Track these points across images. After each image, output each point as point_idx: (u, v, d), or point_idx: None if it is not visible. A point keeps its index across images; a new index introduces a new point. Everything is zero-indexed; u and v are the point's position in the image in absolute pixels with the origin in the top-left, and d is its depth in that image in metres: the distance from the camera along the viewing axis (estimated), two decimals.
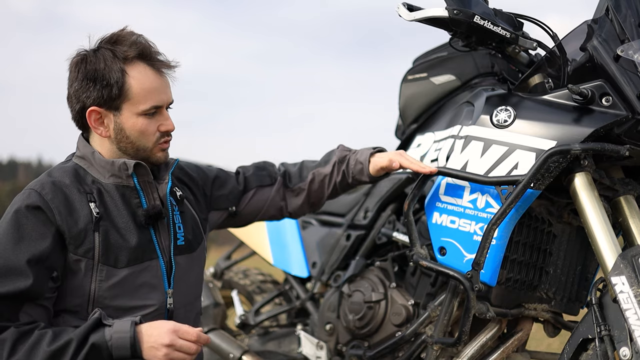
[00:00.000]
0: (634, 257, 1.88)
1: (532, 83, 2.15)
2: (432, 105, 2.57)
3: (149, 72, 1.88)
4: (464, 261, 2.11)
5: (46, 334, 1.71)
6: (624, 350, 1.83)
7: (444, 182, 2.19)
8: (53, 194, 1.80)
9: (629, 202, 2.09)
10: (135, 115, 1.87)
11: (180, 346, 1.74)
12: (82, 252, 1.79)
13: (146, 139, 1.89)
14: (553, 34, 2.15)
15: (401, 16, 2.10)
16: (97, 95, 1.85)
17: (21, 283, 1.72)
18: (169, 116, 1.93)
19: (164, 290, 1.89)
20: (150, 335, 1.73)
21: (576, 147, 1.94)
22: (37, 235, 1.76)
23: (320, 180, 2.31)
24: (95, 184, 1.87)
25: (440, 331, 2.22)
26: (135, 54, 1.87)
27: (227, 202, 2.22)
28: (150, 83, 1.87)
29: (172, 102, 1.94)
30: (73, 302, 1.81)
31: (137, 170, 1.89)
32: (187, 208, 2.03)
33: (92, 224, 1.81)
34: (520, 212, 2.05)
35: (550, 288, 2.26)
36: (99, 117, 1.87)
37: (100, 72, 1.84)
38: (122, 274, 1.83)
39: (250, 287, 3.29)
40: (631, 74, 1.96)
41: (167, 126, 1.91)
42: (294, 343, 2.80)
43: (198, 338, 1.76)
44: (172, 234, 1.93)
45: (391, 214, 2.65)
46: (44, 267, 1.75)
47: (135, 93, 1.85)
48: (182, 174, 2.12)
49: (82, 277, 1.80)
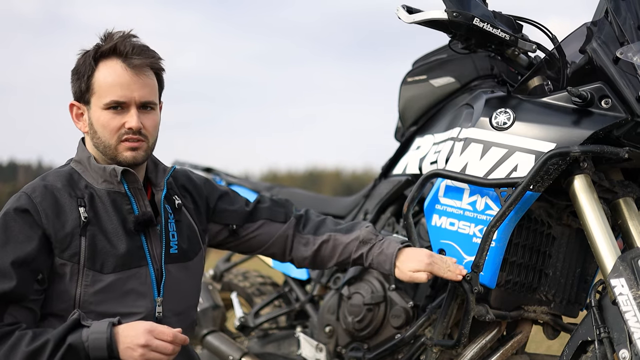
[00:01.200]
0: (633, 259, 1.88)
1: (532, 85, 2.15)
2: (431, 107, 2.57)
3: (119, 67, 1.87)
4: (463, 263, 2.10)
5: (26, 335, 1.71)
6: (624, 352, 1.83)
7: (444, 184, 2.19)
8: (42, 197, 1.81)
9: (628, 205, 2.10)
10: (99, 109, 1.88)
11: (157, 346, 1.73)
12: (68, 257, 1.80)
13: (109, 134, 1.87)
14: (552, 36, 2.15)
15: (400, 18, 2.10)
16: (75, 90, 1.93)
17: (5, 284, 1.73)
18: (135, 114, 1.87)
19: (153, 298, 1.88)
20: (127, 335, 1.73)
21: (575, 149, 1.94)
22: (23, 238, 1.77)
23: (334, 245, 2.18)
24: (88, 188, 1.88)
25: (440, 333, 2.22)
26: (108, 49, 1.88)
27: (229, 218, 2.16)
28: (115, 78, 1.87)
29: (148, 102, 1.90)
30: (59, 307, 1.81)
31: (126, 176, 1.88)
32: (184, 217, 2.01)
33: (79, 228, 1.81)
34: (520, 214, 2.05)
35: (550, 290, 2.26)
36: (80, 113, 1.93)
37: (78, 67, 1.92)
38: (108, 280, 1.82)
39: (250, 289, 3.29)
40: (630, 76, 1.96)
41: (129, 123, 1.86)
42: (293, 345, 2.79)
43: (174, 338, 1.75)
44: (164, 241, 1.92)
45: (391, 216, 2.65)
46: (28, 270, 1.76)
47: (99, 86, 1.88)
48: (187, 182, 2.10)
49: (67, 281, 1.80)
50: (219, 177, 3.42)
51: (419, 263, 2.03)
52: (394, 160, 2.70)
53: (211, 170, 3.48)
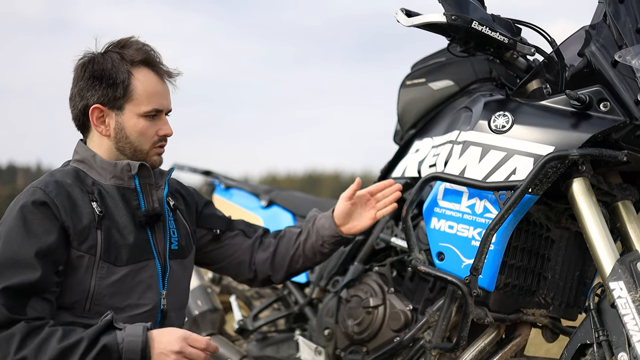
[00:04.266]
0: (632, 262, 1.88)
1: (530, 88, 2.15)
2: (430, 110, 2.57)
3: (153, 77, 1.98)
4: (462, 266, 2.11)
5: (57, 331, 1.73)
6: (622, 355, 1.83)
7: (442, 187, 2.19)
8: (57, 191, 1.85)
9: (627, 208, 2.10)
10: (136, 116, 1.94)
11: (190, 354, 1.76)
12: (86, 249, 1.84)
13: (145, 140, 1.96)
14: (551, 39, 2.15)
15: (399, 22, 2.10)
16: (102, 94, 1.93)
17: (29, 275, 1.75)
18: (167, 122, 2.01)
19: (159, 291, 1.94)
20: (160, 341, 1.76)
21: (574, 152, 1.94)
22: (43, 230, 1.80)
23: (288, 237, 2.31)
24: (96, 185, 1.92)
25: (439, 336, 2.22)
26: (141, 59, 1.96)
27: (214, 223, 2.26)
28: (153, 87, 1.96)
29: (171, 110, 2.02)
30: (71, 299, 1.84)
31: (140, 172, 1.95)
32: (179, 217, 2.09)
33: (94, 222, 1.86)
34: (519, 217, 2.05)
35: (549, 293, 2.26)
36: (101, 116, 1.94)
37: (108, 71, 1.93)
38: (121, 272, 1.87)
39: (249, 292, 3.29)
40: (629, 79, 1.96)
41: (165, 130, 1.99)
42: (292, 348, 2.79)
43: (207, 346, 1.79)
44: (167, 237, 1.99)
45: (389, 219, 2.65)
46: (50, 261, 1.79)
47: (138, 94, 1.94)
48: (178, 186, 2.20)
49: (82, 273, 1.84)
50: (218, 180, 3.42)
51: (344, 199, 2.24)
52: (393, 163, 2.70)
53: (210, 173, 3.48)
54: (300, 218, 3.12)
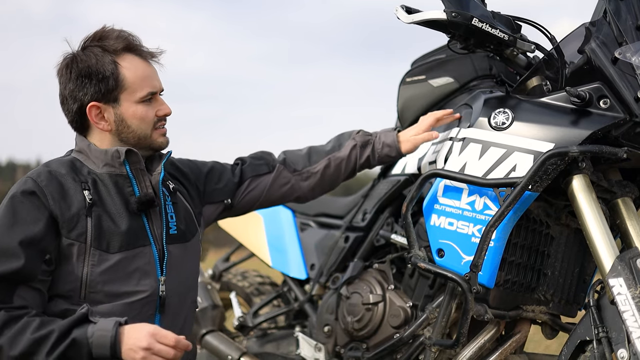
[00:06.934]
0: (632, 259, 1.88)
1: (530, 85, 2.16)
2: (430, 107, 2.57)
3: (139, 61, 1.97)
4: (462, 263, 2.11)
5: (33, 322, 1.73)
6: (622, 352, 1.83)
7: (442, 184, 2.19)
8: (48, 180, 1.85)
9: (627, 204, 2.10)
10: (133, 103, 1.94)
11: (159, 350, 1.73)
12: (75, 236, 1.83)
13: (146, 125, 1.96)
14: (551, 36, 2.15)
15: (399, 19, 2.10)
16: (95, 90, 1.92)
17: (13, 264, 1.76)
18: (164, 101, 2.01)
19: (157, 277, 1.92)
20: (130, 337, 1.74)
21: (574, 149, 1.94)
22: (30, 219, 1.80)
23: (335, 165, 2.39)
24: (91, 174, 1.92)
25: (439, 333, 2.22)
26: (122, 46, 1.95)
27: (222, 194, 2.25)
28: (142, 71, 1.96)
29: (163, 90, 2.02)
30: (66, 287, 1.84)
31: (129, 157, 1.94)
32: (179, 200, 2.07)
33: (84, 209, 1.85)
34: (518, 214, 2.05)
35: (548, 290, 2.26)
36: (99, 112, 1.93)
37: (94, 67, 1.91)
38: (114, 259, 1.86)
39: (249, 289, 3.29)
40: (629, 76, 1.96)
41: (164, 110, 2.00)
42: (292, 345, 2.80)
43: (176, 343, 1.75)
44: (164, 222, 1.97)
45: (389, 216, 2.65)
46: (36, 250, 1.79)
47: (130, 82, 1.93)
48: (173, 169, 2.16)
49: (74, 261, 1.83)
50: None
51: (417, 127, 2.36)
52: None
53: None
54: (300, 215, 3.12)
